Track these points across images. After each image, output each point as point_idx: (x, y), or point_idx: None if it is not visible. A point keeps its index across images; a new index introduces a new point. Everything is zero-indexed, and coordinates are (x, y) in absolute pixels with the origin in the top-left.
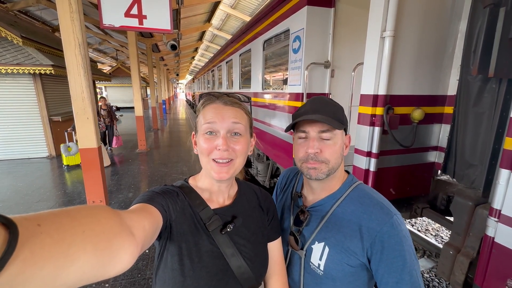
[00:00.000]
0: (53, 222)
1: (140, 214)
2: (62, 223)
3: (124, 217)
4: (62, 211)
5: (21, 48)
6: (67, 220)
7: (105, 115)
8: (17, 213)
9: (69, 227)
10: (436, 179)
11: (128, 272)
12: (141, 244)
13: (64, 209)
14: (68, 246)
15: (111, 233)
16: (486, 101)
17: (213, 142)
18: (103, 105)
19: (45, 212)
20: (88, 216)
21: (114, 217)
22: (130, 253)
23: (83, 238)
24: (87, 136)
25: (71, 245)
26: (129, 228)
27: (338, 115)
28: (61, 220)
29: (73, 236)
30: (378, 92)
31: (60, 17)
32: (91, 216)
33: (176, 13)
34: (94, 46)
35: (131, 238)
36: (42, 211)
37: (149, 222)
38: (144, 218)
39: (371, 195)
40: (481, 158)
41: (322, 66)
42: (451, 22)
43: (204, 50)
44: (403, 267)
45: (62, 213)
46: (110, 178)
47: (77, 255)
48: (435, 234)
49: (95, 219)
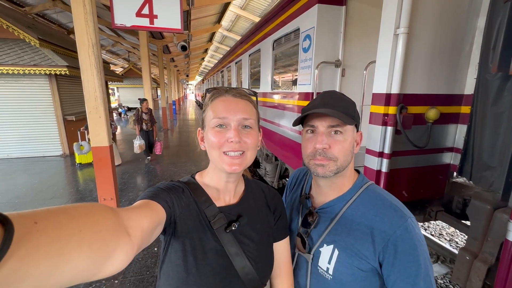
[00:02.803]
0: (50, 220)
1: (141, 212)
2: (59, 221)
3: (122, 216)
4: (60, 209)
5: (38, 49)
6: (65, 218)
7: (147, 119)
8: (31, 208)
9: (66, 226)
10: (451, 182)
11: (137, 269)
12: (137, 245)
13: (62, 207)
14: (64, 245)
15: (107, 233)
16: (506, 100)
17: (224, 135)
18: (144, 108)
19: (43, 210)
20: (86, 215)
21: (112, 217)
22: (125, 253)
23: (79, 238)
24: (99, 134)
25: (67, 244)
26: (126, 228)
27: (350, 110)
28: (59, 218)
29: (69, 235)
30: (391, 91)
31: (75, 19)
32: (89, 215)
33: (186, 14)
34: (107, 47)
35: (127, 238)
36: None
37: (149, 220)
38: (144, 216)
39: (384, 197)
40: (500, 160)
41: (332, 65)
42: (468, 18)
43: (214, 51)
44: (417, 273)
45: (60, 211)
46: (121, 177)
47: (72, 255)
48: (449, 239)
49: (93, 218)
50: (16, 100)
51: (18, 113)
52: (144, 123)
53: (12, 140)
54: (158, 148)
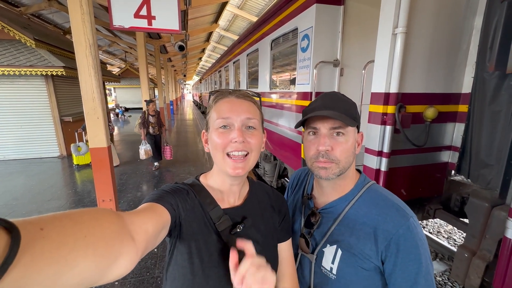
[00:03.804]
0: (55, 226)
1: (145, 216)
2: (64, 227)
3: (126, 221)
4: (65, 214)
5: (34, 50)
6: (70, 224)
7: (154, 122)
8: (29, 210)
9: (71, 232)
10: (449, 180)
11: (137, 271)
12: (141, 249)
13: (67, 212)
14: (69, 251)
15: (112, 238)
16: (503, 98)
17: (228, 135)
18: (151, 110)
19: (49, 216)
20: (90, 220)
21: (117, 221)
22: (129, 259)
23: (84, 243)
24: (97, 135)
25: (72, 250)
26: (130, 232)
27: (351, 112)
28: (64, 224)
29: (74, 241)
30: (389, 90)
31: (72, 19)
32: (93, 220)
33: (183, 14)
34: (104, 48)
35: (132, 243)
36: (47, 213)
37: (153, 223)
38: (148, 220)
39: (386, 196)
40: (497, 158)
41: (331, 65)
42: (465, 17)
43: (211, 51)
44: (418, 271)
45: (65, 216)
46: (119, 178)
47: (77, 261)
48: (447, 236)
49: (97, 223)
50: (12, 101)
51: (14, 114)
52: (151, 126)
53: (9, 142)
54: (168, 153)
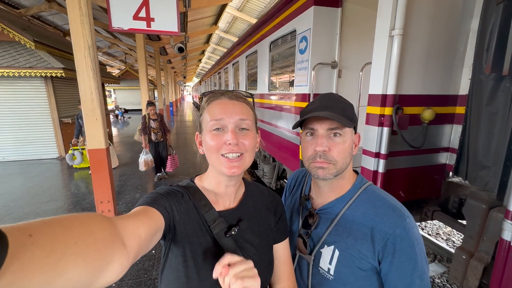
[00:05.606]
0: (45, 232)
1: (138, 220)
2: (54, 234)
3: (118, 226)
4: (55, 220)
5: (34, 51)
6: (60, 230)
7: (156, 127)
8: (27, 212)
9: (61, 238)
10: (447, 181)
11: (135, 272)
12: (133, 255)
13: (57, 218)
14: (58, 258)
15: (102, 244)
16: (499, 100)
17: (222, 138)
18: (152, 114)
19: (38, 221)
20: (81, 226)
21: (108, 227)
22: (120, 264)
23: (74, 250)
24: (96, 137)
25: (62, 257)
26: (122, 238)
27: (348, 113)
28: (54, 230)
29: (64, 248)
30: (387, 92)
31: (71, 21)
32: (84, 226)
33: (183, 16)
34: (104, 49)
35: (123, 249)
36: (45, 215)
37: (146, 228)
38: (141, 224)
39: (383, 197)
40: (495, 159)
41: (329, 67)
42: (462, 20)
43: (211, 53)
44: (414, 271)
45: (55, 222)
46: (118, 179)
47: (67, 268)
48: (446, 238)
49: (88, 229)
50: (12, 102)
51: (13, 115)
52: (153, 132)
53: (8, 143)
54: (169, 163)
